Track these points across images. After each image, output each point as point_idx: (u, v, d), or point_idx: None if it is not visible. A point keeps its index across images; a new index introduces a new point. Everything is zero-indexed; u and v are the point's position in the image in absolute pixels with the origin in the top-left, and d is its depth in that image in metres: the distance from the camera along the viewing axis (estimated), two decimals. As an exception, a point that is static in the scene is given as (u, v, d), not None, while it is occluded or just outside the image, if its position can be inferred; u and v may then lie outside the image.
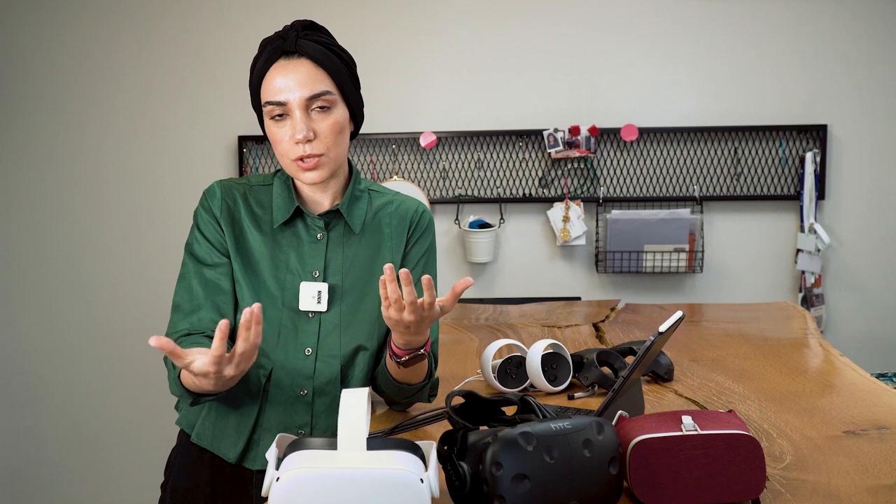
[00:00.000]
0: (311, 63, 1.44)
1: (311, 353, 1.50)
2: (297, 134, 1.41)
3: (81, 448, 3.53)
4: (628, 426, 1.11)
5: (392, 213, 1.57)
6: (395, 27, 3.32)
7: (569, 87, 3.29)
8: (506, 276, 3.37)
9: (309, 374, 1.49)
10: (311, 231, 1.52)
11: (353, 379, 1.52)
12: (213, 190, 1.52)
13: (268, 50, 1.44)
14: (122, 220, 3.44)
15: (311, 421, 1.50)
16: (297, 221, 1.52)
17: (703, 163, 3.26)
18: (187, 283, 1.48)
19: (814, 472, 1.20)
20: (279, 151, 1.46)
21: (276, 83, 1.42)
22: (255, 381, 1.49)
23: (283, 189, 1.53)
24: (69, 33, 3.38)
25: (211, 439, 1.52)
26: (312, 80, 1.43)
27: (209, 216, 1.51)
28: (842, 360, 1.91)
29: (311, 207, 1.54)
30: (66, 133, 3.43)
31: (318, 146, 1.43)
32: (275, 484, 0.95)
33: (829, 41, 3.21)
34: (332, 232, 1.53)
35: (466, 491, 1.01)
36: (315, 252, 1.51)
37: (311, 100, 1.42)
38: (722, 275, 3.32)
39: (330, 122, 1.44)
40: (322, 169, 1.45)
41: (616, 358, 1.70)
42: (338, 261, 1.52)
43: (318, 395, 1.50)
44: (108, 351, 3.47)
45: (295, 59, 1.44)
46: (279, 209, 1.51)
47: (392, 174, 3.31)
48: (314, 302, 1.49)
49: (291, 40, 1.43)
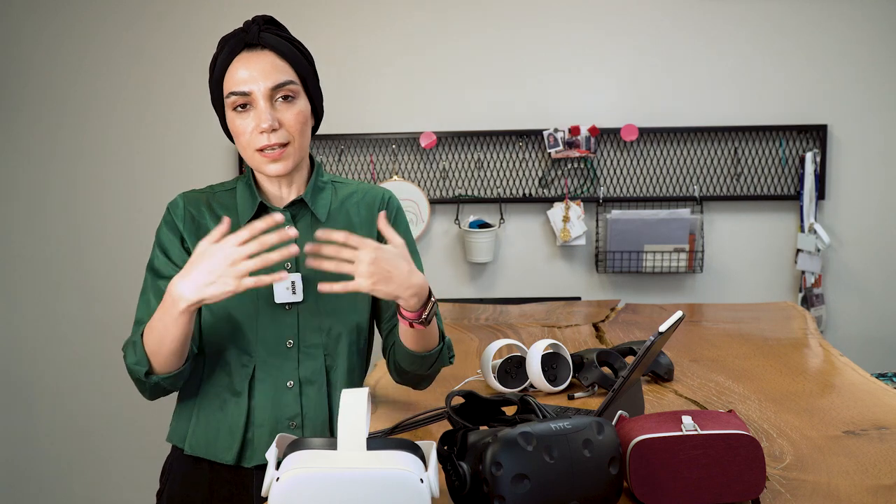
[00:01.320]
0: (275, 54, 1.46)
1: (293, 344, 1.50)
2: (263, 123, 1.42)
3: (81, 449, 3.53)
4: (628, 426, 1.11)
5: (359, 203, 1.58)
6: (395, 27, 3.32)
7: (569, 87, 3.29)
8: (506, 276, 3.37)
9: (293, 365, 1.50)
10: (279, 224, 1.52)
11: (338, 367, 1.52)
12: (177, 202, 1.55)
13: (230, 43, 1.45)
14: (122, 220, 3.44)
15: (302, 412, 1.50)
16: (262, 218, 1.52)
17: (703, 163, 3.26)
18: (146, 297, 1.51)
19: (814, 472, 1.20)
20: (242, 144, 1.46)
21: (240, 74, 1.43)
22: (239, 380, 1.50)
23: (246, 189, 1.53)
24: (69, 34, 3.38)
25: (205, 448, 1.51)
26: (276, 70, 1.44)
27: (171, 232, 1.52)
28: (842, 360, 1.91)
29: (276, 203, 1.54)
30: (65, 133, 3.43)
31: (283, 135, 1.44)
32: (275, 484, 0.95)
33: (829, 41, 3.21)
34: (300, 223, 1.53)
35: (466, 491, 1.01)
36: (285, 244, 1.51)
37: (276, 89, 1.44)
38: (722, 275, 3.32)
39: (294, 112, 1.46)
40: (287, 160, 1.46)
41: (616, 358, 1.70)
42: None
43: (305, 385, 1.50)
44: (109, 352, 3.46)
45: (258, 50, 1.45)
46: (243, 208, 1.52)
47: (392, 174, 3.31)
48: (289, 293, 1.49)
49: (254, 33, 1.45)
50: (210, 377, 1.52)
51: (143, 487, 3.23)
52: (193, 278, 1.31)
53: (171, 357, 1.41)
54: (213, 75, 1.47)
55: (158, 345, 1.39)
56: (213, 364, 1.52)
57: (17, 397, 3.54)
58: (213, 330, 1.51)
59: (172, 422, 1.58)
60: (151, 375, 1.43)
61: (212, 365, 1.52)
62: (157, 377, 1.43)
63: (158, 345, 1.39)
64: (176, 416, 1.58)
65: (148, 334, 1.41)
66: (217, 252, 1.30)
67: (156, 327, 1.39)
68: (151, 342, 1.40)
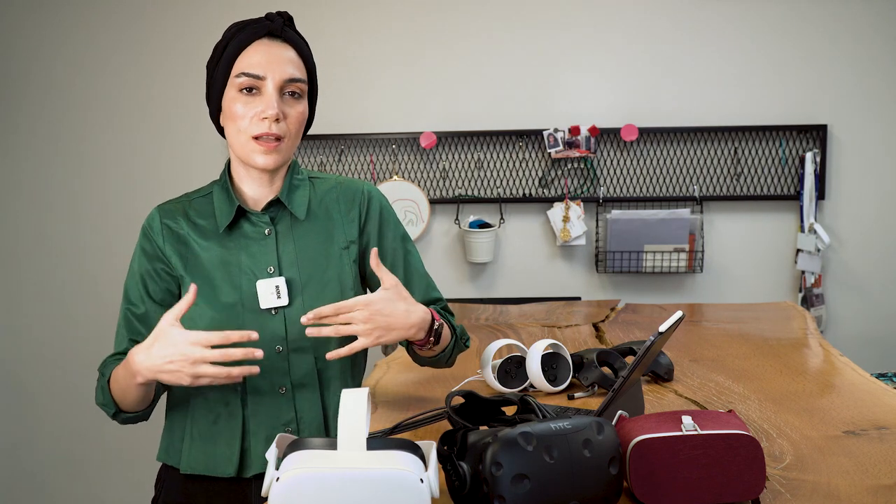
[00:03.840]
0: (294, 51, 1.47)
1: (283, 349, 1.48)
2: (269, 110, 1.41)
3: (81, 449, 3.53)
4: (628, 426, 1.11)
5: (339, 197, 1.56)
6: (395, 27, 3.32)
7: (569, 87, 3.29)
8: (506, 276, 3.37)
9: (284, 370, 1.49)
10: (258, 227, 1.50)
11: (330, 367, 1.51)
12: (152, 218, 1.52)
13: (251, 28, 1.44)
14: (122, 220, 3.43)
15: (296, 416, 1.49)
16: (241, 223, 1.51)
17: (703, 163, 3.26)
18: (119, 327, 1.55)
19: (814, 472, 1.20)
20: (238, 127, 1.44)
21: (259, 56, 1.43)
22: (230, 391, 1.48)
23: (223, 193, 1.51)
24: (69, 34, 3.38)
25: (204, 465, 1.50)
26: (293, 65, 1.45)
27: (147, 260, 1.51)
28: (842, 360, 1.91)
29: (254, 206, 1.52)
30: (65, 134, 3.43)
31: (282, 128, 1.44)
32: (275, 484, 0.95)
33: (829, 41, 3.21)
34: (279, 225, 1.52)
35: (466, 491, 1.01)
36: (265, 248, 1.50)
37: (288, 83, 1.44)
38: (722, 275, 3.32)
39: (298, 110, 1.47)
40: (278, 154, 1.45)
41: (616, 358, 1.70)
42: (290, 253, 1.50)
43: (297, 389, 1.49)
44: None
45: (279, 42, 1.46)
46: (221, 213, 1.50)
47: (392, 174, 3.31)
48: (274, 298, 1.48)
49: (279, 24, 1.46)
50: (200, 392, 1.49)
51: (144, 488, 3.23)
52: (153, 357, 1.31)
53: (137, 404, 1.45)
54: (223, 55, 1.45)
55: (122, 395, 1.43)
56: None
57: (18, 397, 3.54)
58: None
59: (163, 441, 1.56)
60: (119, 414, 1.47)
61: None
62: (124, 415, 1.48)
63: (122, 395, 1.43)
64: (167, 434, 1.55)
65: (113, 383, 1.44)
66: (181, 344, 1.29)
67: (119, 382, 1.42)
68: (116, 391, 1.44)
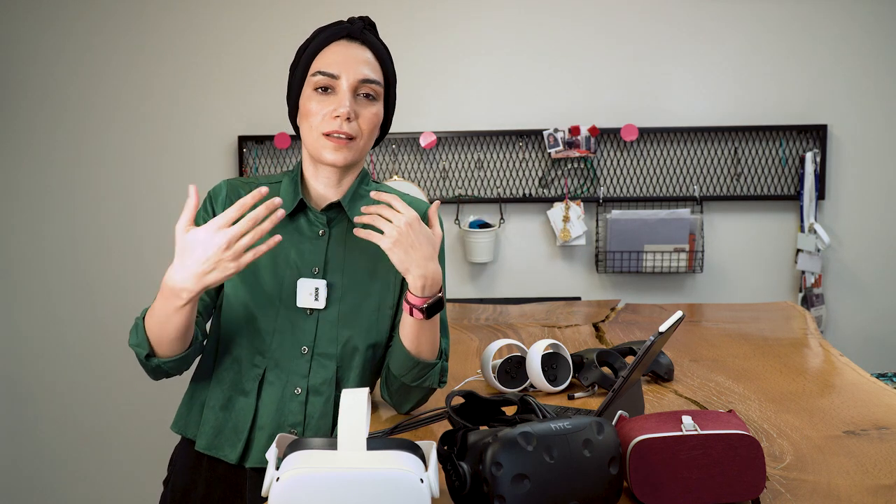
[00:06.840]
0: (372, 53, 1.49)
1: (308, 351, 1.48)
2: (340, 108, 1.43)
3: (81, 449, 3.53)
4: (628, 426, 1.10)
5: None
6: (395, 27, 3.32)
7: (569, 87, 3.29)
8: (506, 276, 3.37)
9: (304, 373, 1.48)
10: (314, 227, 1.51)
11: (349, 381, 1.50)
12: (220, 187, 1.53)
13: (331, 30, 1.48)
14: (122, 219, 3.44)
15: (304, 421, 1.49)
16: (299, 217, 1.51)
17: (703, 163, 3.26)
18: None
19: (814, 472, 1.20)
20: (310, 124, 1.46)
21: (335, 56, 1.46)
22: (249, 379, 1.49)
23: (291, 184, 1.53)
24: (70, 33, 3.38)
25: (213, 446, 1.50)
26: (369, 66, 1.47)
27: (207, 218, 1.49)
28: (842, 360, 1.91)
29: (317, 203, 1.53)
30: (66, 133, 3.43)
31: (354, 128, 1.45)
32: (275, 484, 0.95)
33: (829, 41, 3.21)
34: (335, 228, 1.52)
35: (466, 491, 1.01)
36: (316, 248, 1.50)
37: (363, 84, 1.46)
38: (722, 275, 3.32)
39: (372, 112, 1.47)
40: (348, 152, 1.45)
41: (616, 358, 1.70)
42: (339, 258, 1.51)
43: (312, 394, 1.48)
44: (109, 351, 3.47)
45: (357, 44, 1.49)
46: (284, 202, 1.49)
47: (392, 174, 3.31)
48: (311, 299, 1.48)
49: (359, 27, 1.49)
50: (221, 372, 1.51)
51: (144, 488, 3.23)
52: (191, 269, 1.28)
53: (174, 343, 1.40)
54: (303, 56, 1.49)
55: (159, 331, 1.38)
56: (226, 359, 1.51)
57: (18, 397, 3.54)
58: (231, 325, 1.50)
59: (181, 408, 1.56)
60: (152, 358, 1.42)
61: (225, 360, 1.51)
62: (157, 360, 1.42)
63: (159, 331, 1.38)
64: (185, 404, 1.56)
65: (149, 318, 1.39)
66: (206, 239, 1.27)
67: (156, 315, 1.37)
68: (153, 326, 1.39)
